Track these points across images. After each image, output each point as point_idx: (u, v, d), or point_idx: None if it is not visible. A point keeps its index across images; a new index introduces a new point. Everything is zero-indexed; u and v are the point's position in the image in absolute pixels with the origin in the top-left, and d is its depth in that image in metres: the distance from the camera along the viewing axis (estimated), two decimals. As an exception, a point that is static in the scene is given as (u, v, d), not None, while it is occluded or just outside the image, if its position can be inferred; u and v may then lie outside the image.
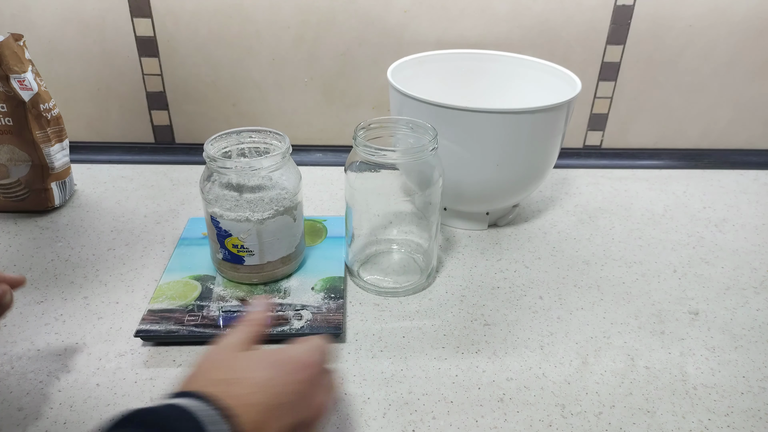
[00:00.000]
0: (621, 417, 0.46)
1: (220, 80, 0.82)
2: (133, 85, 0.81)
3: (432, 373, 0.49)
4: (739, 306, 0.58)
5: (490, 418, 0.45)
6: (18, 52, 0.63)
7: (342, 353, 0.51)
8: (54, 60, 0.79)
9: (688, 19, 0.79)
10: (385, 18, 0.78)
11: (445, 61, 0.74)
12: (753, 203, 0.76)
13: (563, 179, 0.81)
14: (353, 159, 0.55)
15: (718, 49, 0.81)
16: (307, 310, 0.53)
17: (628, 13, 0.78)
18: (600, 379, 0.49)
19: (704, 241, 0.68)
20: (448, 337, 0.53)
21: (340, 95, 0.83)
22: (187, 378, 0.34)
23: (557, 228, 0.70)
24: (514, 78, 0.73)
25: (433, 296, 0.58)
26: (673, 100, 0.85)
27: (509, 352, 0.52)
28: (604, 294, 0.59)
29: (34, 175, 0.68)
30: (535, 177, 0.65)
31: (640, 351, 0.52)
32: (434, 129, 0.54)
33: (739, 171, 0.84)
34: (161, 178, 0.79)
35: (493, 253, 0.65)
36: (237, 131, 0.56)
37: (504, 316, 0.56)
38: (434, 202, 0.56)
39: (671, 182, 0.81)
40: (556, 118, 0.60)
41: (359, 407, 0.46)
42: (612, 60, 0.81)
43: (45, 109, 0.66)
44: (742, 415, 0.46)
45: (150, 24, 0.77)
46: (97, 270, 0.60)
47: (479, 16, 0.78)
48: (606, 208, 0.74)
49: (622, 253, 0.65)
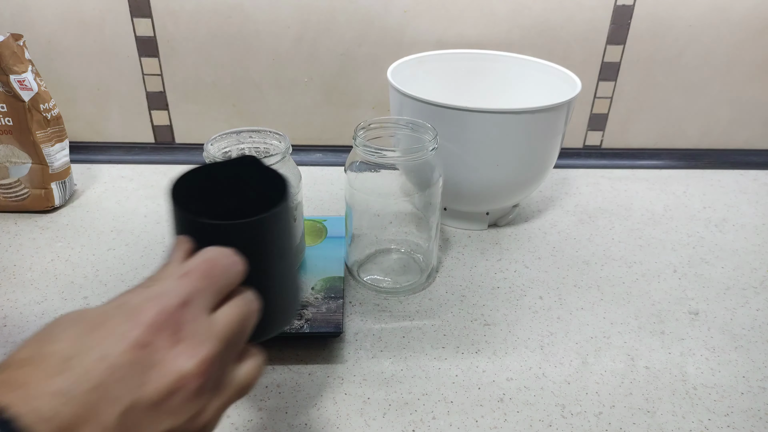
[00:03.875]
0: (621, 417, 0.46)
1: (220, 80, 0.82)
2: (133, 85, 0.81)
3: (432, 373, 0.49)
4: (739, 306, 0.58)
5: (490, 418, 0.45)
6: (18, 52, 0.63)
7: (342, 353, 0.51)
8: (54, 60, 0.79)
9: (688, 19, 0.79)
10: (385, 18, 0.78)
11: (445, 61, 0.74)
12: (753, 203, 0.76)
13: (563, 179, 0.81)
14: (353, 159, 0.55)
15: (718, 49, 0.81)
16: (307, 310, 0.53)
17: (628, 13, 0.78)
18: (600, 379, 0.49)
19: (704, 241, 0.68)
20: (448, 337, 0.53)
21: (340, 95, 0.83)
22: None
23: (557, 228, 0.70)
24: (514, 78, 0.73)
25: (433, 296, 0.58)
26: (673, 100, 0.85)
27: (509, 352, 0.52)
28: (604, 294, 0.59)
29: (34, 175, 0.68)
30: (535, 177, 0.65)
31: (640, 351, 0.52)
32: (434, 129, 0.54)
33: (739, 171, 0.84)
34: (161, 178, 0.79)
35: (493, 253, 0.65)
36: (237, 131, 0.56)
37: (504, 316, 0.56)
38: (434, 202, 0.56)
39: (671, 182, 0.81)
40: (556, 118, 0.60)
41: (359, 407, 0.46)
42: (612, 60, 0.81)
43: (45, 109, 0.66)
44: (742, 415, 0.46)
45: (150, 24, 0.77)
46: (97, 270, 0.60)
47: (479, 16, 0.78)
48: (606, 208, 0.74)
49: (622, 253, 0.65)
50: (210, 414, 0.26)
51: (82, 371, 0.22)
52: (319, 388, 0.47)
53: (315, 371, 0.49)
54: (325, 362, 0.50)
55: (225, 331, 0.27)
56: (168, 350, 0.24)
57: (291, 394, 0.47)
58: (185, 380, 0.24)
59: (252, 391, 0.47)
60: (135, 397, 0.23)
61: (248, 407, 0.46)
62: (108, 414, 0.22)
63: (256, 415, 0.45)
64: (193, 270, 0.27)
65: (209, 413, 0.26)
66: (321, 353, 0.51)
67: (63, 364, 0.23)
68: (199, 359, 0.25)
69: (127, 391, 0.23)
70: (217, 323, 0.27)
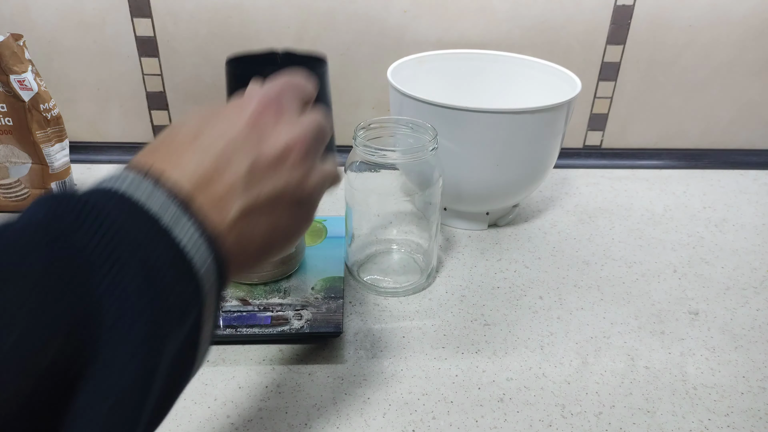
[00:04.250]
0: (621, 417, 0.46)
1: (220, 80, 0.82)
2: (133, 85, 0.81)
3: (432, 373, 0.49)
4: (739, 306, 0.58)
5: (490, 418, 0.45)
6: (18, 52, 0.63)
7: (342, 353, 0.51)
8: (54, 60, 0.79)
9: (688, 19, 0.79)
10: (385, 18, 0.78)
11: (445, 61, 0.74)
12: (753, 203, 0.76)
13: (563, 179, 0.81)
14: (353, 159, 0.55)
15: (718, 49, 0.81)
16: (307, 310, 0.53)
17: (628, 13, 0.78)
18: (600, 379, 0.49)
19: (704, 241, 0.68)
20: (448, 337, 0.53)
21: (340, 95, 0.83)
22: None
23: (557, 228, 0.70)
24: (514, 78, 0.73)
25: (433, 296, 0.58)
26: (673, 100, 0.85)
27: (509, 352, 0.52)
28: (604, 294, 0.59)
29: (34, 175, 0.68)
30: (535, 177, 0.65)
31: (640, 351, 0.52)
32: (434, 129, 0.54)
33: (739, 171, 0.84)
34: (161, 178, 0.79)
35: (493, 253, 0.65)
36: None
37: (504, 316, 0.56)
38: (434, 202, 0.56)
39: (671, 182, 0.81)
40: (556, 118, 0.60)
41: (359, 407, 0.46)
42: (612, 60, 0.81)
43: (45, 109, 0.65)
44: (742, 415, 0.46)
45: (150, 24, 0.77)
46: (97, 270, 0.60)
47: (479, 16, 0.78)
48: (606, 208, 0.74)
49: (622, 253, 0.65)
50: (313, 183, 0.32)
51: (208, 144, 0.27)
52: (319, 388, 0.47)
53: (315, 371, 0.49)
54: (325, 362, 0.50)
55: (312, 126, 0.32)
56: (273, 128, 0.30)
57: (291, 394, 0.47)
58: (291, 145, 0.30)
59: (249, 394, 0.47)
60: (255, 157, 0.28)
61: (248, 407, 0.46)
62: (238, 167, 0.27)
63: (256, 415, 0.45)
64: (278, 82, 0.32)
65: (312, 182, 0.32)
66: (321, 353, 0.51)
67: (191, 141, 0.27)
68: (298, 133, 0.31)
69: (248, 153, 0.28)
70: (305, 118, 0.32)
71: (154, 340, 0.22)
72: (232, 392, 0.47)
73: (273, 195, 0.29)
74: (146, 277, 0.22)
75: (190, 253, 0.24)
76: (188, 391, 0.47)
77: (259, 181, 0.28)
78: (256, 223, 0.28)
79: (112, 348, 0.21)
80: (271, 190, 0.29)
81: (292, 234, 0.32)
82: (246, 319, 0.51)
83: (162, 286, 0.23)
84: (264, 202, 0.28)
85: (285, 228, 0.30)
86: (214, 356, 0.50)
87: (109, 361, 0.21)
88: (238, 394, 0.47)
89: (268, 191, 0.28)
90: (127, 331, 0.21)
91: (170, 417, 0.44)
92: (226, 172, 0.27)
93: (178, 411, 0.45)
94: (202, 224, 0.25)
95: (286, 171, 0.30)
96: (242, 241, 0.27)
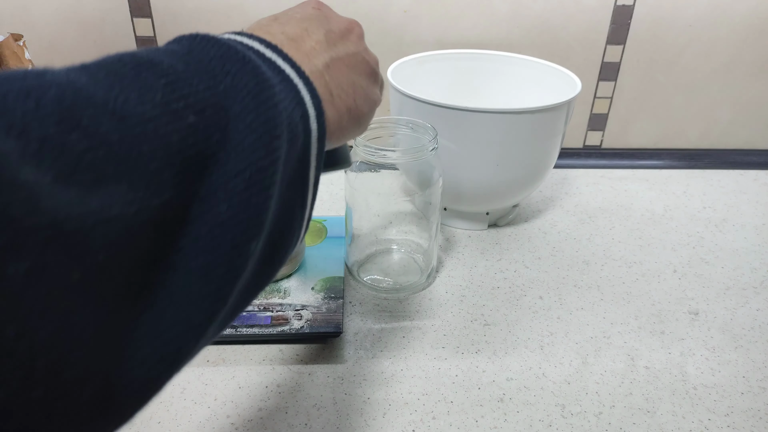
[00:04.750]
0: (621, 417, 0.46)
1: (220, 80, 0.82)
2: (133, 85, 0.81)
3: (432, 373, 0.49)
4: (739, 306, 0.58)
5: (490, 418, 0.45)
6: (18, 52, 0.63)
7: (342, 353, 0.51)
8: (54, 60, 0.79)
9: (688, 19, 0.79)
10: (385, 18, 0.78)
11: (445, 61, 0.74)
12: (753, 203, 0.76)
13: (563, 179, 0.81)
14: (353, 159, 0.55)
15: (718, 49, 0.81)
16: (307, 310, 0.53)
17: (628, 13, 0.78)
18: (600, 379, 0.49)
19: (704, 241, 0.68)
20: (448, 337, 0.53)
21: (340, 95, 0.83)
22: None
23: (557, 228, 0.70)
24: (514, 78, 0.73)
25: (433, 296, 0.58)
26: (673, 100, 0.85)
27: (509, 352, 0.52)
28: (604, 294, 0.59)
29: (34, 175, 0.68)
30: (535, 177, 0.65)
31: (640, 351, 0.52)
32: (434, 129, 0.54)
33: (739, 171, 0.84)
34: (161, 178, 0.79)
35: (493, 253, 0.65)
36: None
37: (504, 316, 0.56)
38: (434, 202, 0.56)
39: (671, 182, 0.81)
40: (556, 118, 0.60)
41: (359, 407, 0.46)
42: (612, 60, 0.81)
43: (45, 109, 0.65)
44: (742, 415, 0.46)
45: (150, 24, 0.77)
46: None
47: (479, 16, 0.78)
48: (606, 208, 0.74)
49: (622, 253, 0.65)
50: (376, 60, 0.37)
51: (286, 19, 0.32)
52: (319, 388, 0.47)
53: (315, 371, 0.49)
54: (325, 362, 0.50)
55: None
56: (333, 14, 0.35)
57: (291, 394, 0.47)
58: (352, 25, 0.35)
59: (249, 394, 0.47)
60: (328, 28, 0.33)
61: (248, 407, 0.46)
62: (317, 33, 0.32)
63: (256, 415, 0.45)
64: None
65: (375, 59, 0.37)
66: (321, 353, 0.51)
67: (272, 21, 0.32)
68: (352, 19, 0.36)
69: (321, 25, 0.33)
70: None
71: (272, 141, 0.24)
72: (232, 392, 0.47)
73: (350, 54, 0.33)
74: (258, 83, 0.24)
75: (294, 80, 0.27)
76: (188, 391, 0.47)
77: (335, 44, 0.33)
78: (339, 73, 0.32)
79: (239, 134, 0.23)
80: (348, 51, 0.33)
81: (370, 100, 0.35)
82: (246, 319, 0.51)
83: (271, 93, 0.25)
84: (344, 58, 0.33)
85: (364, 91, 0.34)
86: (214, 356, 0.50)
87: (238, 146, 0.22)
88: (238, 394, 0.47)
89: (346, 51, 0.33)
90: (251, 122, 0.23)
91: (170, 417, 0.44)
92: (307, 36, 0.31)
93: (178, 411, 0.45)
94: (295, 65, 0.28)
95: (355, 41, 0.34)
96: (330, 90, 0.31)
